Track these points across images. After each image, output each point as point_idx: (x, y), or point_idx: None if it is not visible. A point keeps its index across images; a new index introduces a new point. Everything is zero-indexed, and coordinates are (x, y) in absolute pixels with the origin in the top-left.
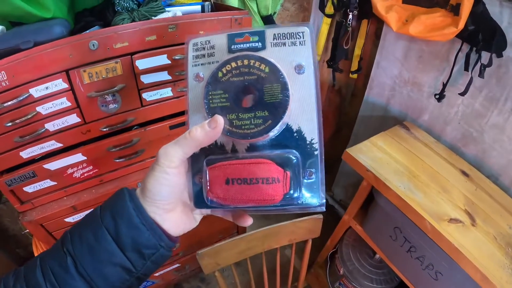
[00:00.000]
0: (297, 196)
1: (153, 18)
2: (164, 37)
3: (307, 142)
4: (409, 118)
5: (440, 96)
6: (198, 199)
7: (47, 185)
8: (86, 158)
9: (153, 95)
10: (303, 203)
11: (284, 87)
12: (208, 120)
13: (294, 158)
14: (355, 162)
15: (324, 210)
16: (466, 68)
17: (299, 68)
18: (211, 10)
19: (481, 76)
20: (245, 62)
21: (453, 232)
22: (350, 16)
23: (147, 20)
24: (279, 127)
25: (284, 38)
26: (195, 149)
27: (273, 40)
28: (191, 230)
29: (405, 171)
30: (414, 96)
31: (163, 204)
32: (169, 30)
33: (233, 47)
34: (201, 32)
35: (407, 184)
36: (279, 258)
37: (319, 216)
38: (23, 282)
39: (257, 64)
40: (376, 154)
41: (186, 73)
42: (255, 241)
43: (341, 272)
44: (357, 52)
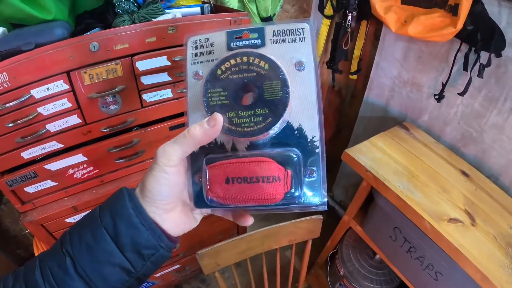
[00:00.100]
0: (298, 195)
1: (153, 20)
2: (164, 38)
3: (308, 140)
4: (409, 119)
5: (439, 97)
6: (198, 198)
7: (48, 186)
8: (86, 158)
9: (153, 96)
10: (305, 202)
11: (284, 84)
12: (207, 118)
13: (295, 156)
14: (354, 162)
15: (326, 209)
16: (465, 68)
17: (299, 65)
18: (210, 12)
19: (480, 76)
20: (244, 59)
21: (452, 232)
22: (349, 17)
23: (147, 22)
24: (280, 124)
25: (284, 34)
26: (194, 147)
27: (273, 37)
28: (191, 230)
29: (404, 172)
30: (414, 97)
31: (162, 204)
32: (169, 31)
33: (232, 44)
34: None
35: (407, 184)
36: (279, 258)
37: (319, 216)
38: (22, 282)
39: (256, 61)
40: (376, 155)
41: (185, 71)
42: (255, 241)
43: (341, 273)
44: (357, 53)
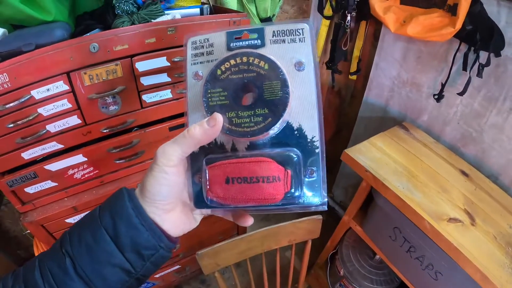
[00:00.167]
0: (298, 195)
1: (153, 21)
2: (163, 39)
3: (308, 140)
4: (408, 119)
5: (439, 97)
6: (198, 199)
7: (48, 186)
8: (86, 159)
9: (153, 97)
10: (305, 202)
11: (284, 84)
12: (207, 118)
13: (295, 156)
14: (354, 162)
15: (326, 209)
16: (464, 68)
17: (299, 65)
18: (209, 12)
19: (479, 76)
20: (244, 59)
21: (452, 231)
22: (349, 18)
23: (147, 23)
24: (279, 125)
25: (284, 35)
26: (194, 147)
27: (273, 37)
28: (191, 231)
29: (404, 171)
30: (413, 97)
31: (162, 204)
32: (168, 32)
33: (232, 45)
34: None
35: (406, 184)
36: (279, 259)
37: (319, 216)
38: (22, 283)
39: (256, 61)
40: (375, 155)
41: (185, 71)
42: (254, 241)
43: (341, 273)
44: (356, 53)
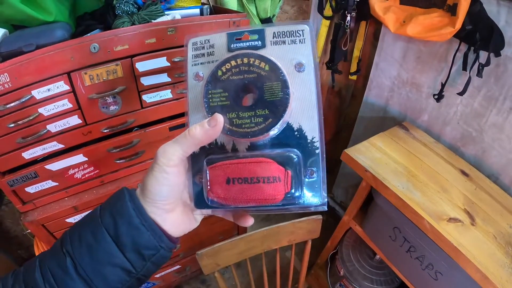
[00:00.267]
0: (298, 195)
1: (153, 21)
2: (163, 39)
3: (308, 140)
4: (408, 119)
5: (439, 96)
6: (199, 199)
7: (49, 186)
8: (87, 159)
9: (153, 97)
10: (305, 202)
11: (285, 85)
12: (207, 119)
13: (295, 157)
14: (353, 162)
15: (326, 209)
16: (464, 67)
17: (299, 66)
18: (209, 13)
19: (479, 75)
20: (245, 60)
21: (452, 231)
22: (349, 18)
23: (147, 23)
24: (280, 125)
25: (284, 36)
26: (195, 147)
27: (273, 38)
28: (192, 231)
29: (404, 171)
30: (413, 97)
31: (163, 204)
32: (169, 33)
33: (232, 46)
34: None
35: (406, 184)
36: (279, 259)
37: (319, 216)
38: (22, 282)
39: (257, 62)
40: (375, 155)
41: (186, 72)
42: (254, 241)
43: (342, 273)
44: (356, 53)
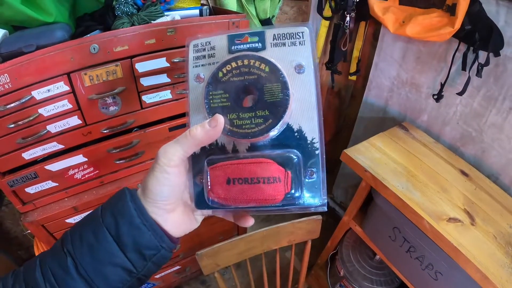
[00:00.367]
0: (298, 195)
1: (152, 22)
2: (163, 40)
3: (308, 141)
4: (408, 119)
5: (438, 97)
6: (199, 200)
7: (49, 186)
8: (87, 159)
9: (153, 97)
10: (305, 203)
11: (285, 86)
12: (208, 119)
13: (295, 158)
14: (353, 162)
15: (326, 210)
16: (463, 67)
17: (299, 67)
18: (209, 14)
19: (478, 75)
20: (245, 62)
21: (452, 231)
22: (348, 18)
23: (147, 24)
24: (280, 126)
25: (284, 38)
26: (195, 148)
27: (273, 40)
28: (192, 231)
29: (403, 171)
30: (413, 97)
31: (164, 204)
32: (168, 33)
33: (233, 47)
34: (199, 35)
35: (406, 184)
36: (279, 259)
37: (318, 216)
38: (22, 282)
39: (257, 64)
40: (374, 155)
41: (187, 74)
42: (254, 242)
43: (342, 274)
44: (356, 54)
